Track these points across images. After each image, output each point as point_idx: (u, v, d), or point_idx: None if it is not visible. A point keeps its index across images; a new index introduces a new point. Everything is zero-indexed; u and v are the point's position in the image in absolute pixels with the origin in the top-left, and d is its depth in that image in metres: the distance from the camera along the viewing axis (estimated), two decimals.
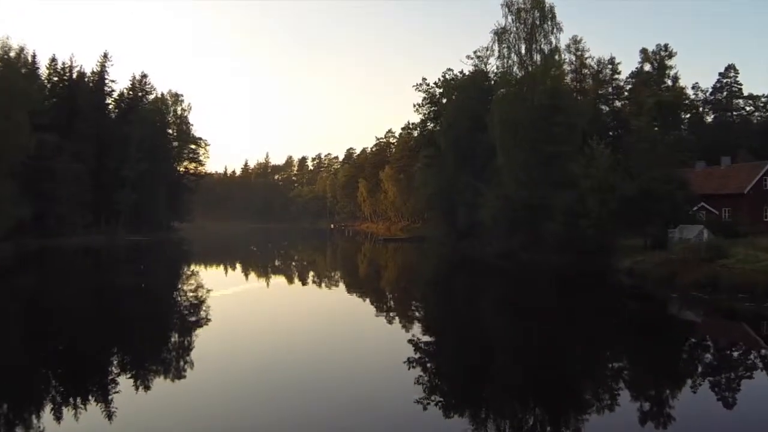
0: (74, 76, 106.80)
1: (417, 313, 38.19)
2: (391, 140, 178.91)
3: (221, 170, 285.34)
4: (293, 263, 78.11)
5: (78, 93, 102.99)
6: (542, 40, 64.64)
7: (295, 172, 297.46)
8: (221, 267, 72.96)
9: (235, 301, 42.10)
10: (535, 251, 58.17)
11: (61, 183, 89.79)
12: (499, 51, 65.78)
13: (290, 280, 57.05)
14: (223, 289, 47.68)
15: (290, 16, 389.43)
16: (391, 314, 37.35)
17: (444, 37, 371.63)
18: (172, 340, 28.91)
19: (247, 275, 62.61)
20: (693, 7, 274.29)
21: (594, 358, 25.24)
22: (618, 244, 51.96)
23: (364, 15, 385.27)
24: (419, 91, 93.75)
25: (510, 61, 65.04)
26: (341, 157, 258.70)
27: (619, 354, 26.06)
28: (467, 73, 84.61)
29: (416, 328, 31.46)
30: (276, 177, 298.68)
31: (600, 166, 52.60)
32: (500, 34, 65.59)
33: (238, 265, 73.90)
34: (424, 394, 18.98)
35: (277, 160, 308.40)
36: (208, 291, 45.57)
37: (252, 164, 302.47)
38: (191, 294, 44.91)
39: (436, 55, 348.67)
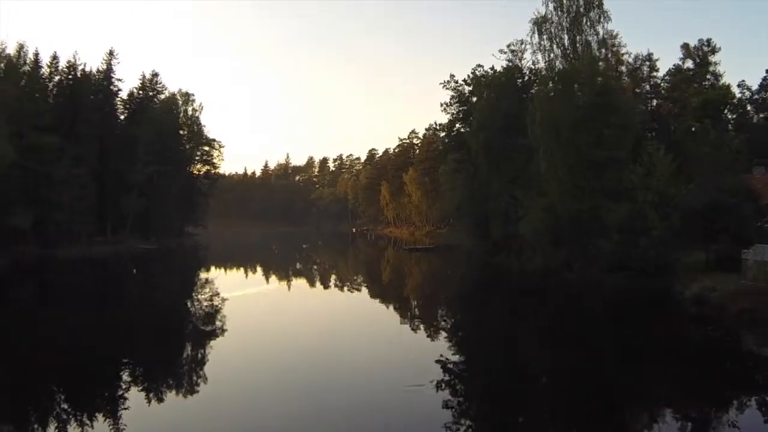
0: (78, 74, 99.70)
1: (445, 333, 36.99)
2: (415, 141, 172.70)
3: (240, 171, 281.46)
4: (317, 280, 72.21)
5: (81, 93, 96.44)
6: (588, 30, 57.50)
7: (315, 173, 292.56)
8: (237, 281, 68.45)
9: (257, 330, 37.78)
10: (582, 269, 51.14)
11: (61, 189, 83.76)
12: (539, 43, 58.62)
13: (316, 302, 53.33)
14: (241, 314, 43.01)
15: (313, 15, 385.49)
16: (418, 333, 36.68)
17: (473, 32, 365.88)
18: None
19: (267, 296, 57.12)
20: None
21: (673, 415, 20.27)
22: (679, 264, 44.85)
23: (389, 12, 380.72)
24: (447, 89, 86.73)
25: (552, 55, 57.88)
26: (363, 158, 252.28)
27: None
28: (499, 69, 77.66)
29: (444, 349, 30.38)
30: (297, 178, 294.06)
31: (661, 174, 45.57)
32: (540, 24, 58.34)
33: (256, 283, 67.89)
34: (452, 420, 19.06)
35: (298, 160, 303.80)
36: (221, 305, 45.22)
37: (272, 165, 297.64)
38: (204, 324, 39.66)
39: (465, 51, 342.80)
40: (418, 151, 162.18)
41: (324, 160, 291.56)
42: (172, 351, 31.46)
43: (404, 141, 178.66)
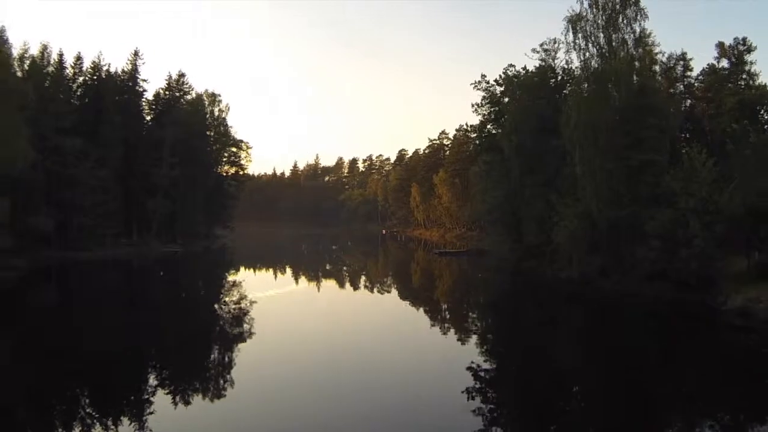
0: (102, 75, 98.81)
1: (476, 339, 36.55)
2: (445, 142, 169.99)
3: (270, 172, 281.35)
4: (346, 282, 73.31)
5: (106, 94, 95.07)
6: (624, 28, 55.35)
7: (345, 174, 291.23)
8: (264, 283, 68.35)
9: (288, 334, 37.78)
10: (619, 278, 49.13)
11: (84, 191, 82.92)
12: (574, 42, 56.56)
13: (345, 305, 54.52)
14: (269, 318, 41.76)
15: (342, 15, 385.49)
16: (448, 338, 36.42)
17: (503, 31, 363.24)
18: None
19: (297, 297, 58.67)
20: None
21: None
22: (722, 275, 42.70)
23: (419, 12, 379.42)
24: (478, 89, 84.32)
25: (587, 54, 55.83)
26: (393, 159, 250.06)
27: None
28: (532, 69, 75.51)
29: (475, 355, 29.99)
30: (326, 179, 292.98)
31: (704, 180, 43.48)
32: (575, 22, 56.30)
33: (284, 285, 68.79)
34: (483, 428, 19.10)
35: (328, 161, 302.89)
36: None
37: (301, 166, 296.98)
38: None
39: (495, 51, 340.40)
40: (448, 152, 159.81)
41: (353, 161, 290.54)
42: (201, 352, 32.39)
43: (434, 141, 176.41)
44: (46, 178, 77.22)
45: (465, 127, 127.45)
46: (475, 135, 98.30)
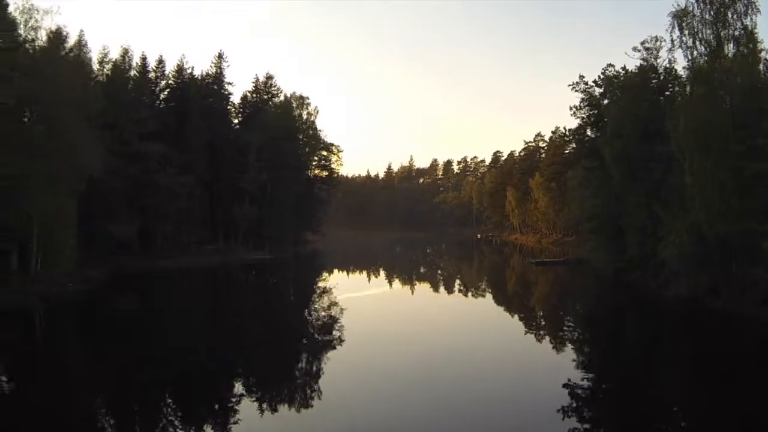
0: (185, 78, 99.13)
1: (573, 355, 35.97)
2: (541, 144, 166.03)
3: (363, 174, 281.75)
4: (440, 287, 74.62)
5: (190, 97, 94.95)
6: (734, 23, 50.75)
7: (439, 176, 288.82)
8: (360, 290, 68.46)
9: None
10: (731, 299, 44.81)
11: (167, 197, 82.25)
12: (680, 39, 52.26)
13: (440, 311, 54.69)
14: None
15: (433, 15, 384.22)
16: (543, 352, 36.11)
17: (600, 31, 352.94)
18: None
19: (394, 303, 59.83)
20: None
21: None
22: None
23: (513, 10, 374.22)
24: (576, 91, 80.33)
25: (695, 52, 51.51)
26: (488, 161, 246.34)
27: None
28: (632, 69, 71.10)
29: (571, 371, 29.08)
30: (420, 181, 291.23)
31: None
32: (680, 18, 52.04)
33: (378, 290, 69.85)
34: None
35: (422, 163, 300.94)
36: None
37: (395, 168, 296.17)
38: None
39: (593, 50, 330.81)
40: (544, 154, 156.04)
41: (448, 163, 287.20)
42: (292, 354, 35.20)
43: (530, 144, 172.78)
44: (128, 185, 77.04)
45: (564, 131, 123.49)
46: (570, 137, 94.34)
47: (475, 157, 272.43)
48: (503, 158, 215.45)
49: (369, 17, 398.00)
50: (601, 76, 75.71)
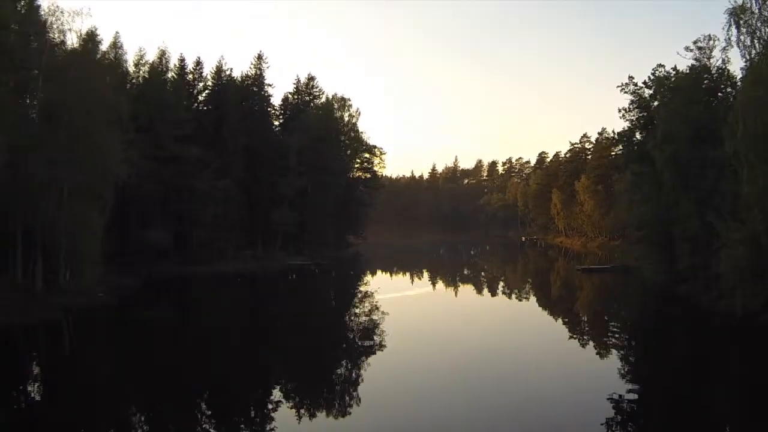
0: (224, 80, 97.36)
1: (618, 366, 35.47)
2: (587, 146, 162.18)
3: (408, 174, 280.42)
4: (484, 290, 75.73)
5: (229, 99, 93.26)
6: None
7: (484, 177, 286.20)
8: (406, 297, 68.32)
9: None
10: None
11: (204, 202, 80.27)
12: (737, 38, 49.37)
13: (483, 314, 55.97)
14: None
15: (480, 13, 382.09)
16: (588, 363, 35.80)
17: (650, 29, 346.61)
18: None
19: (439, 307, 60.40)
20: None
21: None
22: None
23: (564, 9, 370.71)
24: (625, 92, 77.25)
25: (753, 51, 48.53)
26: (533, 162, 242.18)
27: None
28: (684, 70, 67.88)
29: (617, 384, 29.02)
30: (465, 182, 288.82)
31: None
32: (737, 15, 49.10)
33: (422, 290, 72.42)
34: None
35: (466, 164, 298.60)
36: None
37: (440, 168, 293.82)
38: None
39: (641, 50, 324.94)
40: (590, 156, 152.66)
41: (493, 164, 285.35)
42: (339, 353, 37.40)
43: (575, 145, 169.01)
44: (164, 189, 75.86)
45: (611, 134, 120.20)
46: (617, 138, 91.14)
47: (520, 158, 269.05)
48: (548, 159, 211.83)
49: (416, 12, 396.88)
50: (651, 77, 72.74)
